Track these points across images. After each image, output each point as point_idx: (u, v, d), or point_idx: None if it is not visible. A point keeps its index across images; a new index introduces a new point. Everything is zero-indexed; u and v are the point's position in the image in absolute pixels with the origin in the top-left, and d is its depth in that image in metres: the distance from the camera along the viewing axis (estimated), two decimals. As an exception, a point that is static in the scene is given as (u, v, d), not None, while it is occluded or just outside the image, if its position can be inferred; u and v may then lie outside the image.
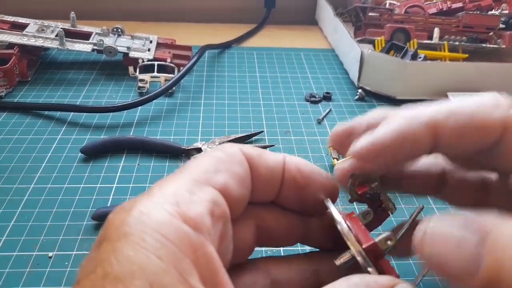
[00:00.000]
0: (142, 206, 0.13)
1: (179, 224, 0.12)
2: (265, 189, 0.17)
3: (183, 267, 0.12)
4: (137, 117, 0.45)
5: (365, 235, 0.16)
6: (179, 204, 0.13)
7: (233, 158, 0.16)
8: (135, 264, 0.11)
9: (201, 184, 0.14)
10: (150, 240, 0.12)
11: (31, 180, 0.35)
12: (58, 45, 0.51)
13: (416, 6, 0.62)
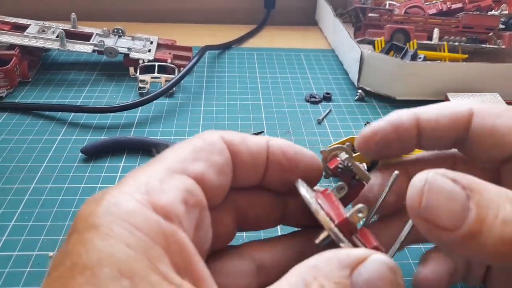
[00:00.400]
0: (111, 196, 0.13)
1: (149, 213, 0.12)
2: (249, 175, 0.17)
3: (153, 254, 0.12)
4: (138, 118, 0.45)
5: (337, 211, 0.16)
6: (149, 193, 0.13)
7: (212, 146, 0.16)
8: (103, 252, 0.11)
9: (175, 173, 0.14)
10: (119, 229, 0.12)
11: (32, 180, 0.35)
12: (59, 46, 0.51)
13: (416, 7, 0.62)
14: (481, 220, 0.13)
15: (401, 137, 0.19)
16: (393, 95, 0.50)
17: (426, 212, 0.14)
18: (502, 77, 0.49)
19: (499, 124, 0.18)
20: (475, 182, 0.14)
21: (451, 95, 0.47)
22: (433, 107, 0.19)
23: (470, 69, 0.48)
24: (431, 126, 0.19)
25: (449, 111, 0.19)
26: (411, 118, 0.19)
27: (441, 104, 0.20)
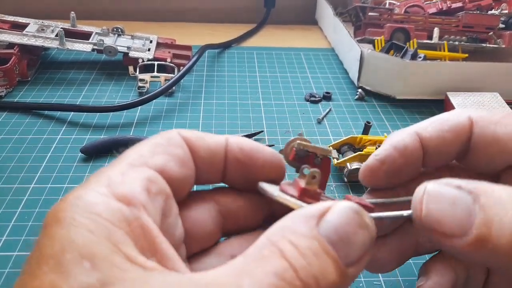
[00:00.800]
0: (76, 192, 0.13)
1: (111, 201, 0.13)
2: (209, 171, 0.17)
3: (116, 238, 0.12)
4: (137, 117, 0.45)
5: (297, 187, 0.16)
6: (111, 186, 0.14)
7: (171, 141, 0.17)
8: (65, 239, 0.12)
9: (135, 166, 0.15)
10: (81, 218, 0.12)
11: (31, 180, 0.35)
12: (58, 45, 0.51)
13: (416, 6, 0.62)
14: (489, 223, 0.12)
15: (409, 161, 0.18)
16: (393, 94, 0.50)
17: (428, 220, 0.13)
18: (502, 77, 0.49)
19: (500, 131, 0.18)
20: (480, 185, 0.13)
21: (451, 94, 0.47)
22: (432, 123, 0.19)
23: (470, 68, 0.48)
24: (435, 143, 0.18)
25: (449, 125, 0.18)
26: (414, 139, 0.18)
27: (439, 117, 0.19)
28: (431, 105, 0.50)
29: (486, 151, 0.18)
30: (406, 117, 0.48)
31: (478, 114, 0.19)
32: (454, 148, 0.18)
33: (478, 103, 0.46)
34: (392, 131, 0.45)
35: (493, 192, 0.13)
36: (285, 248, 0.12)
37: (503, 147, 0.18)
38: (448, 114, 0.19)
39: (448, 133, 0.18)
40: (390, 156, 0.18)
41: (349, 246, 0.12)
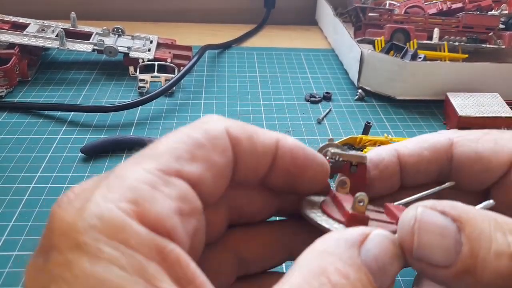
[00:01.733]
0: (94, 205, 0.11)
1: (139, 227, 0.11)
2: (249, 176, 0.16)
3: (149, 273, 0.11)
4: (138, 117, 0.45)
5: (342, 210, 0.16)
6: (138, 203, 0.12)
7: (215, 144, 0.14)
8: (95, 278, 0.10)
9: (169, 175, 0.13)
10: (108, 249, 0.10)
11: (31, 180, 0.35)
12: (59, 45, 0.51)
13: (416, 7, 0.62)
14: (474, 255, 0.12)
15: (383, 175, 0.19)
16: (393, 95, 0.50)
17: (419, 252, 0.13)
18: (502, 77, 0.49)
19: (481, 149, 0.18)
20: (464, 212, 0.13)
21: (451, 95, 0.47)
22: (411, 142, 0.19)
23: (470, 69, 0.48)
24: (413, 160, 0.19)
25: (428, 144, 0.19)
26: (392, 154, 0.19)
27: (419, 137, 0.20)
28: (431, 105, 0.50)
29: (470, 169, 0.18)
30: (406, 117, 0.48)
31: (458, 134, 0.19)
32: (433, 167, 0.19)
33: (478, 104, 0.46)
34: (392, 132, 0.45)
35: (477, 222, 0.13)
36: (335, 279, 0.12)
37: (486, 164, 0.18)
38: (428, 135, 0.20)
39: (426, 151, 0.18)
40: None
41: (385, 276, 0.13)
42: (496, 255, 0.12)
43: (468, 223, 0.13)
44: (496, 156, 0.18)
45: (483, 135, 0.18)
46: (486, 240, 0.13)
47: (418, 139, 0.19)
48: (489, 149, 0.18)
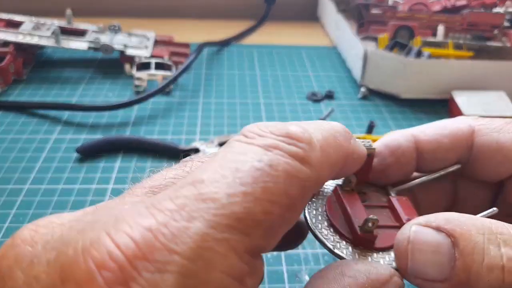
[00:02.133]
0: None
1: None
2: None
3: None
4: (134, 116, 0.44)
5: (353, 232, 0.16)
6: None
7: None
8: None
9: (255, 253, 0.12)
10: None
11: (26, 181, 0.35)
12: (54, 43, 0.50)
13: (420, 4, 0.61)
14: (467, 269, 0.13)
15: (399, 162, 0.18)
16: (397, 93, 0.49)
17: (414, 270, 0.14)
18: (507, 75, 0.48)
19: (503, 139, 0.17)
20: (458, 226, 0.13)
21: (456, 93, 0.46)
22: (431, 127, 0.19)
23: (475, 67, 0.47)
24: (431, 147, 0.18)
25: (448, 131, 0.18)
26: (409, 140, 0.18)
27: (438, 123, 0.19)
28: (436, 104, 0.49)
29: (490, 159, 0.18)
30: (411, 116, 0.47)
31: (480, 122, 0.18)
32: (451, 155, 0.18)
33: (483, 102, 0.45)
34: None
35: (471, 235, 0.13)
36: None
37: (507, 154, 0.17)
38: (448, 120, 0.19)
39: (446, 138, 0.18)
40: (380, 153, 0.18)
41: None
42: (488, 268, 0.13)
43: (462, 237, 0.13)
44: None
45: (506, 125, 0.18)
46: (479, 254, 0.13)
47: (437, 125, 0.19)
48: (510, 139, 0.17)
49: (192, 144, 0.39)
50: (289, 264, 0.29)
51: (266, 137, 0.13)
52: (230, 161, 0.12)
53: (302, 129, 0.13)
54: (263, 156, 0.12)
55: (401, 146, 0.18)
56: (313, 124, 0.14)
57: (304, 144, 0.13)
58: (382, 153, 0.18)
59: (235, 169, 0.11)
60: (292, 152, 0.12)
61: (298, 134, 0.13)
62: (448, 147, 0.18)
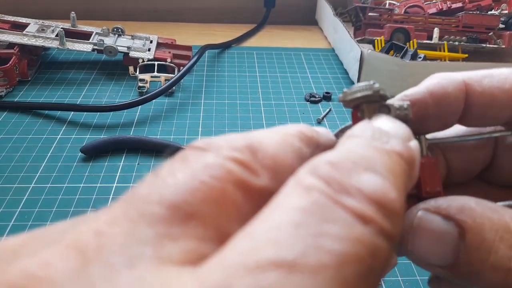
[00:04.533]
0: None
1: None
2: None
3: None
4: (137, 117, 0.45)
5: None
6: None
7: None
8: None
9: None
10: None
11: (31, 180, 0.35)
12: (58, 45, 0.51)
13: (416, 6, 0.62)
14: (469, 264, 0.12)
15: (442, 114, 0.15)
16: (393, 94, 0.50)
17: (414, 254, 0.13)
18: (502, 77, 0.49)
19: None
20: (471, 216, 0.12)
21: (451, 95, 0.47)
22: (489, 76, 0.15)
23: (470, 68, 0.47)
24: (484, 102, 0.15)
25: (509, 85, 0.15)
26: (459, 89, 0.15)
27: (498, 72, 0.15)
28: (431, 105, 0.50)
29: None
30: (406, 117, 0.48)
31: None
32: (504, 113, 0.15)
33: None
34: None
35: (482, 229, 0.12)
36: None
37: None
38: (509, 70, 0.15)
39: (505, 93, 0.15)
40: (422, 101, 0.15)
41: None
42: (493, 268, 0.12)
43: (471, 230, 0.12)
44: None
45: None
46: (485, 251, 0.12)
47: (498, 75, 0.15)
48: None
49: (194, 144, 0.39)
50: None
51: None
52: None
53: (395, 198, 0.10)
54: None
55: (448, 96, 0.15)
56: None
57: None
58: (424, 100, 0.15)
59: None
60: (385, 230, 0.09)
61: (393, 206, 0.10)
62: (503, 104, 0.15)
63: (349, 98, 0.13)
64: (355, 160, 0.10)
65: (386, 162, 0.10)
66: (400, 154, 0.11)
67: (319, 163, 0.10)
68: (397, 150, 0.11)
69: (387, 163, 0.10)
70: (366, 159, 0.10)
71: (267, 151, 0.11)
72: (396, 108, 0.13)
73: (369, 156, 0.10)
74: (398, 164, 0.11)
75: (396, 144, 0.11)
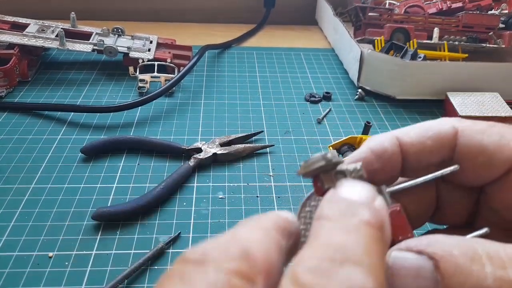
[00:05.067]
0: None
1: None
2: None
3: None
4: (137, 117, 0.45)
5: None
6: None
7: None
8: None
9: None
10: None
11: (31, 180, 0.35)
12: (59, 45, 0.51)
13: (416, 6, 0.62)
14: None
15: (386, 167, 0.17)
16: (393, 94, 0.50)
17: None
18: (502, 77, 0.49)
19: (487, 142, 0.17)
20: (440, 248, 0.13)
21: (451, 94, 0.47)
22: (414, 129, 0.18)
23: (470, 68, 0.48)
24: (415, 149, 0.17)
25: (432, 132, 0.17)
26: (393, 143, 0.17)
27: (421, 124, 0.18)
28: (431, 105, 0.50)
29: (473, 162, 0.17)
30: (406, 117, 0.48)
31: (463, 124, 0.18)
32: (435, 157, 0.18)
33: (478, 103, 0.46)
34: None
35: (453, 257, 0.13)
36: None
37: (490, 158, 0.17)
38: (431, 122, 0.18)
39: (430, 140, 0.17)
40: (367, 160, 0.17)
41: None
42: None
43: (443, 259, 0.13)
44: (501, 151, 0.17)
45: (489, 127, 0.17)
46: (461, 275, 0.12)
47: (421, 126, 0.18)
48: (494, 142, 0.17)
49: (194, 144, 0.39)
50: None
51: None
52: None
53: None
54: None
55: (387, 150, 0.17)
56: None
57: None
58: (368, 158, 0.17)
59: None
60: None
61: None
62: (432, 149, 0.17)
63: (306, 171, 0.15)
64: (330, 256, 0.11)
65: (360, 244, 0.12)
66: (371, 224, 0.12)
67: (298, 272, 0.11)
68: (367, 219, 0.12)
69: (361, 244, 0.12)
70: (341, 250, 0.11)
71: (258, 255, 0.12)
72: (350, 172, 0.15)
73: (343, 245, 0.12)
74: (371, 237, 0.12)
75: (364, 213, 0.13)
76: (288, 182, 0.37)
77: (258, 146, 0.40)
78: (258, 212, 0.34)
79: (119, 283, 0.27)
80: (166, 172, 0.37)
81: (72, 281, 0.27)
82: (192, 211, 0.33)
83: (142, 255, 0.29)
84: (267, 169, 0.38)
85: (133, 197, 0.34)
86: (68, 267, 0.28)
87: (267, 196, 0.35)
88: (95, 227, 0.31)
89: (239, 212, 0.33)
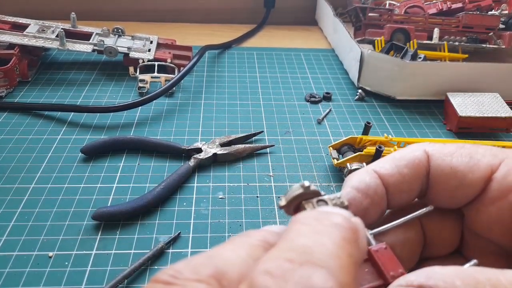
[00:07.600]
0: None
1: None
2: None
3: None
4: (137, 117, 0.45)
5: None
6: None
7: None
8: None
9: None
10: None
11: (31, 180, 0.35)
12: (59, 46, 0.51)
13: (416, 7, 0.62)
14: None
15: (374, 201, 0.17)
16: (393, 95, 0.50)
17: None
18: (502, 77, 0.49)
19: (456, 164, 0.17)
20: (441, 279, 0.13)
21: (451, 95, 0.47)
22: (388, 161, 0.18)
23: (470, 69, 0.48)
24: (394, 180, 0.17)
25: (406, 161, 0.18)
26: (374, 176, 0.17)
27: (393, 155, 0.18)
28: (431, 105, 0.50)
29: (445, 185, 0.17)
30: (406, 117, 0.48)
31: (433, 147, 0.18)
32: (415, 185, 0.18)
33: (478, 104, 0.46)
34: (392, 132, 0.45)
35: (454, 287, 0.13)
36: None
37: (461, 179, 0.17)
38: (403, 150, 0.18)
39: (406, 168, 0.17)
40: (355, 199, 0.17)
41: None
42: None
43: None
44: (472, 171, 0.17)
45: (458, 149, 0.18)
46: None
47: (393, 156, 0.18)
48: (464, 163, 0.17)
49: (194, 144, 0.39)
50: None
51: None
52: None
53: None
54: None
55: (370, 186, 0.17)
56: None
57: None
58: (356, 198, 0.17)
59: None
60: None
61: None
62: (410, 177, 0.17)
63: (286, 202, 0.15)
64: (290, 257, 0.11)
65: (327, 246, 0.12)
66: (343, 226, 0.13)
67: (254, 275, 0.11)
68: (339, 222, 0.13)
69: (328, 246, 0.12)
70: (305, 251, 0.11)
71: (232, 275, 0.12)
72: (331, 199, 0.15)
73: (308, 247, 0.11)
74: (342, 240, 0.12)
75: (337, 218, 0.13)
76: (288, 182, 0.37)
77: (258, 146, 0.40)
78: (258, 212, 0.34)
79: (119, 283, 0.27)
80: (166, 172, 0.37)
81: (72, 281, 0.27)
82: (192, 211, 0.33)
83: (142, 255, 0.29)
84: (267, 169, 0.38)
85: (133, 197, 0.34)
86: (68, 267, 0.28)
87: (267, 196, 0.35)
88: (95, 227, 0.31)
89: (239, 212, 0.34)
